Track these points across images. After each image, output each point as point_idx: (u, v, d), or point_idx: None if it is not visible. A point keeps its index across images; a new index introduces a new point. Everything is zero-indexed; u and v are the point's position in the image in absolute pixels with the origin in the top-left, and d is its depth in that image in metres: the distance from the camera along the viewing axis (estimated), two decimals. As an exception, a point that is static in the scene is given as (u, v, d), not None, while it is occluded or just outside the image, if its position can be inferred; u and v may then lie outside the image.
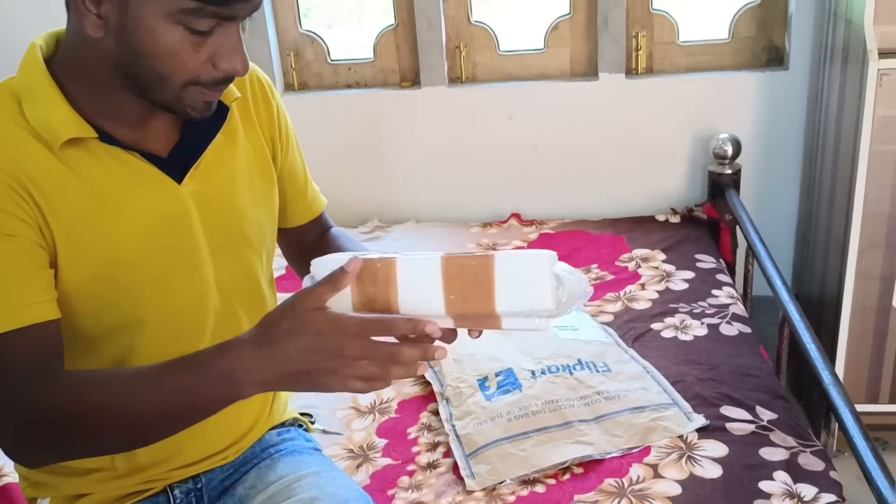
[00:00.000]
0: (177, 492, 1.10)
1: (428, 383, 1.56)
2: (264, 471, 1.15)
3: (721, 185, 2.20)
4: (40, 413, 0.90)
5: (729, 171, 2.20)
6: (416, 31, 2.31)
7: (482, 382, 1.50)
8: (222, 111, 1.02)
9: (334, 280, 0.85)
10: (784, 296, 1.65)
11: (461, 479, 1.33)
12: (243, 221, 1.08)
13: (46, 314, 0.93)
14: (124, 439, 0.94)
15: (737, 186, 2.22)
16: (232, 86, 1.00)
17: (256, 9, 0.90)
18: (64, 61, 0.94)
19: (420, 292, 0.83)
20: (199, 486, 1.12)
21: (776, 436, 1.36)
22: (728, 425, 1.39)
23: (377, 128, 2.41)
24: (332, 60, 2.44)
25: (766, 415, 1.41)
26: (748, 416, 1.41)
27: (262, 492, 1.11)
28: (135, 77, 0.90)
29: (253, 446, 1.17)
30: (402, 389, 1.58)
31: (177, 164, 1.00)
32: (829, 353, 1.72)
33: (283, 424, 1.22)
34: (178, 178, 0.99)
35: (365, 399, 1.56)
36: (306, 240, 1.25)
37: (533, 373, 1.49)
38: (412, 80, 2.41)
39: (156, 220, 0.99)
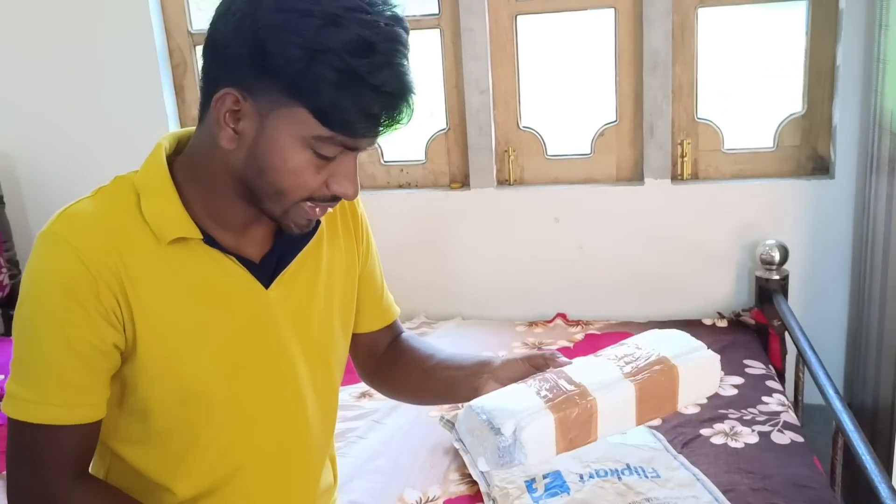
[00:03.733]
0: None
1: (475, 483, 1.55)
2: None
3: (769, 291, 2.20)
4: None
5: (776, 277, 2.20)
6: (467, 135, 2.39)
7: (529, 484, 1.48)
8: (316, 221, 1.05)
9: None
10: (837, 405, 1.62)
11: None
12: (320, 327, 1.11)
13: (95, 415, 0.97)
14: None
15: (784, 292, 2.21)
16: None
17: (374, 143, 0.96)
18: (185, 164, 1.00)
19: (618, 423, 0.95)
20: None
21: (833, 551, 1.32)
22: (782, 538, 1.36)
23: (426, 227, 2.47)
24: (385, 161, 2.53)
25: (823, 528, 1.37)
26: (803, 530, 1.37)
27: None
28: (253, 188, 0.96)
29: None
30: (448, 489, 1.57)
31: (267, 269, 1.05)
32: (885, 465, 1.67)
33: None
34: (266, 283, 1.04)
35: (411, 497, 1.56)
36: (378, 346, 1.26)
37: (581, 476, 1.48)
38: (462, 181, 2.48)
39: (243, 323, 1.03)
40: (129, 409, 1.01)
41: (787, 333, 2.10)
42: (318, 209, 0.99)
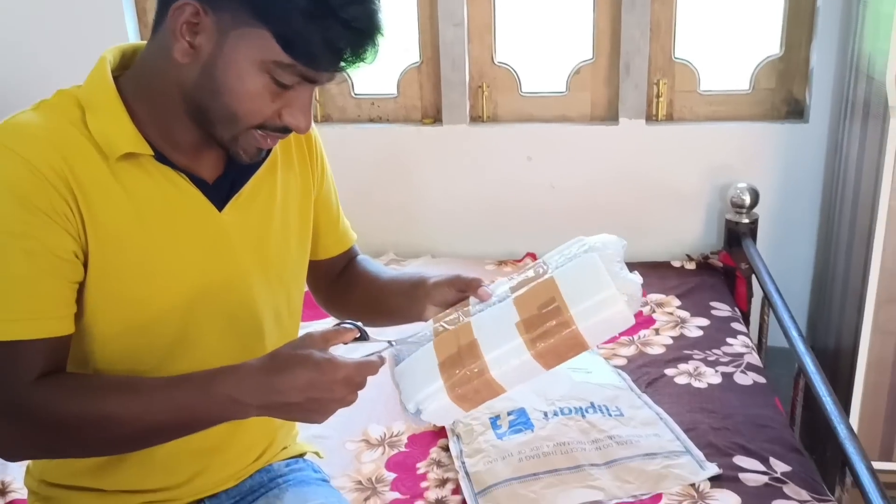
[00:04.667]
0: None
1: (439, 419, 1.55)
2: (271, 500, 1.14)
3: (738, 234, 2.21)
4: (40, 416, 0.91)
5: (746, 221, 2.20)
6: (441, 70, 2.34)
7: (494, 421, 1.49)
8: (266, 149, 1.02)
9: (342, 332, 0.94)
10: (800, 347, 1.64)
11: (470, 517, 1.32)
12: (278, 253, 1.09)
13: (63, 329, 0.94)
14: (127, 445, 0.97)
15: (753, 236, 2.22)
16: None
17: (332, 78, 0.93)
18: (134, 79, 0.97)
19: (521, 378, 0.94)
20: None
21: (790, 489, 1.34)
22: (741, 476, 1.38)
23: (397, 163, 2.43)
24: (355, 94, 2.47)
25: (780, 467, 1.40)
26: (761, 468, 1.39)
27: (269, 524, 1.11)
28: (205, 109, 0.93)
29: (260, 475, 1.17)
30: (412, 424, 1.57)
31: (220, 192, 1.02)
32: (844, 406, 1.70)
33: (291, 457, 1.22)
34: (220, 206, 1.01)
35: (375, 432, 1.56)
36: (333, 271, 1.26)
37: (545, 414, 1.48)
38: (434, 117, 2.44)
39: (197, 247, 1.00)
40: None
41: (753, 276, 2.12)
42: (268, 139, 0.96)
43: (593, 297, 0.90)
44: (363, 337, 0.98)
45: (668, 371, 1.72)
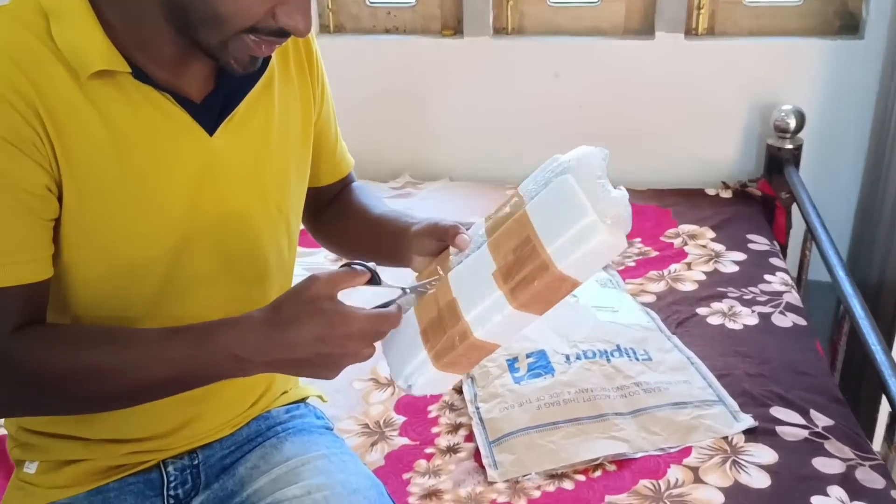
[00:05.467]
0: (171, 468, 1.01)
1: (453, 359, 1.46)
2: (269, 451, 1.05)
3: (780, 161, 2.05)
4: (23, 369, 0.83)
5: (790, 146, 2.04)
6: (462, -24, 2.15)
7: (512, 363, 1.38)
8: (263, 60, 0.90)
9: (351, 275, 0.84)
10: (847, 288, 1.51)
11: (483, 467, 1.23)
12: (276, 181, 0.98)
13: (40, 273, 0.84)
14: (116, 402, 0.89)
15: (796, 163, 2.06)
16: None
17: None
18: None
19: (482, 303, 0.81)
20: (196, 462, 1.02)
21: (832, 445, 1.24)
22: (778, 429, 1.27)
23: (414, 78, 2.27)
24: (370, 3, 2.29)
25: (822, 420, 1.29)
26: (801, 420, 1.29)
27: (266, 474, 1.02)
28: (185, 12, 0.80)
29: (258, 422, 1.08)
30: (424, 363, 1.47)
31: (210, 112, 0.90)
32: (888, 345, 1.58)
33: (292, 402, 1.13)
34: (210, 129, 0.89)
35: (385, 370, 1.46)
36: (325, 198, 1.16)
37: (567, 357, 1.38)
38: (454, 28, 2.26)
39: (186, 176, 0.89)
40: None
41: (794, 207, 1.97)
42: (263, 45, 0.83)
43: (570, 229, 0.76)
44: (375, 281, 0.87)
45: (701, 310, 1.60)
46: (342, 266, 0.86)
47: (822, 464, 1.20)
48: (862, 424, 1.39)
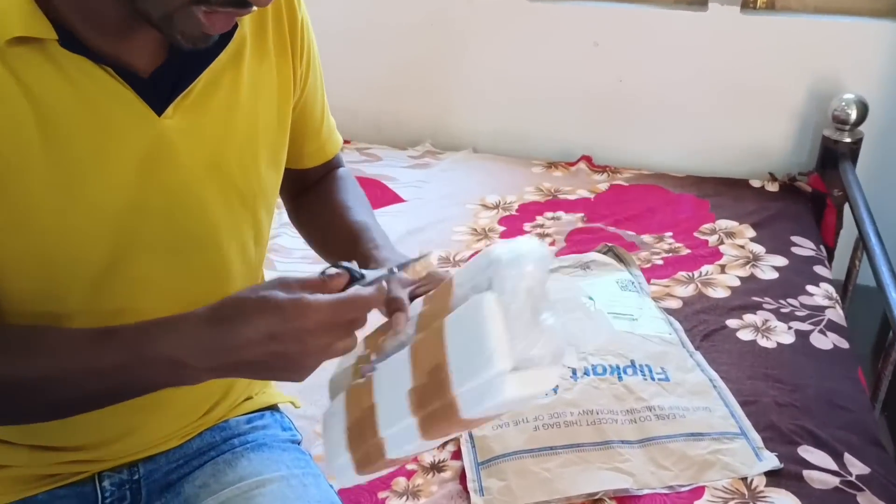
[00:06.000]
0: (107, 483, 0.89)
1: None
2: (222, 468, 0.93)
3: (835, 155, 1.86)
4: None
5: (848, 140, 1.84)
6: (499, -71, 1.97)
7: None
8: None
9: (325, 281, 0.71)
10: (898, 310, 1.34)
11: (467, 492, 1.10)
12: (242, 169, 0.85)
13: None
14: (36, 416, 0.78)
15: (853, 158, 1.86)
16: None
17: None
18: None
19: (396, 425, 0.71)
20: (137, 477, 0.91)
21: (865, 499, 1.08)
22: (805, 473, 1.12)
23: (440, 38, 2.11)
24: (399, -47, 2.12)
25: (857, 467, 1.13)
26: (833, 465, 1.13)
27: (214, 496, 0.90)
28: None
29: (212, 433, 0.96)
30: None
31: (160, 89, 0.76)
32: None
33: (256, 410, 1.01)
34: (159, 108, 0.76)
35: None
36: (308, 180, 1.03)
37: (574, 372, 1.23)
38: (488, -14, 2.08)
39: (129, 163, 0.76)
40: None
41: (847, 207, 1.79)
42: (216, 18, 0.69)
43: (478, 376, 0.64)
44: (354, 279, 0.74)
45: (731, 322, 1.44)
46: (319, 273, 0.73)
47: (852, 521, 1.05)
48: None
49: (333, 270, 0.73)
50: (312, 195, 1.02)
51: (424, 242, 1.69)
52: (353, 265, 0.73)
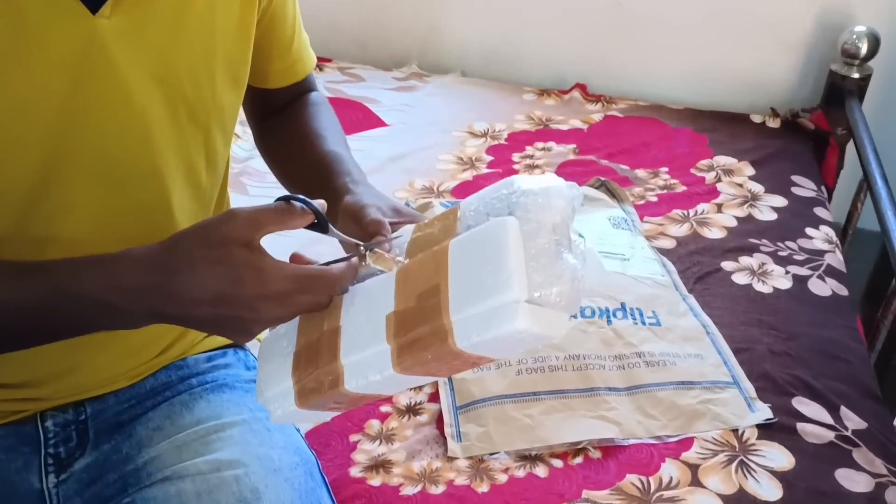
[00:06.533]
0: (50, 422, 0.82)
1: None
2: (178, 409, 0.86)
3: (841, 91, 1.76)
4: None
5: (856, 76, 1.75)
6: None
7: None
8: None
9: (285, 213, 0.63)
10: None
11: (444, 437, 1.04)
12: (192, 80, 0.75)
13: None
14: None
15: (861, 96, 1.77)
16: None
17: None
18: None
19: (364, 351, 0.64)
20: (83, 417, 0.84)
21: (861, 455, 1.03)
22: (799, 426, 1.07)
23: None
24: None
25: (853, 421, 1.08)
26: (828, 419, 1.08)
27: (170, 439, 0.83)
28: None
29: (168, 371, 0.89)
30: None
31: None
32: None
33: (219, 347, 0.94)
34: (94, 5, 0.66)
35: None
36: (275, 101, 0.94)
37: (561, 314, 1.16)
38: None
39: (59, 69, 0.66)
40: None
41: (848, 147, 1.71)
42: None
43: (484, 301, 0.57)
44: (319, 225, 0.66)
45: (727, 264, 1.37)
46: (277, 200, 0.65)
47: (846, 477, 1.00)
48: None
49: (298, 205, 0.64)
50: (280, 120, 0.93)
51: (407, 170, 1.60)
52: (318, 205, 0.65)
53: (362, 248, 0.68)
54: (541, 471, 1.00)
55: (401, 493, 0.97)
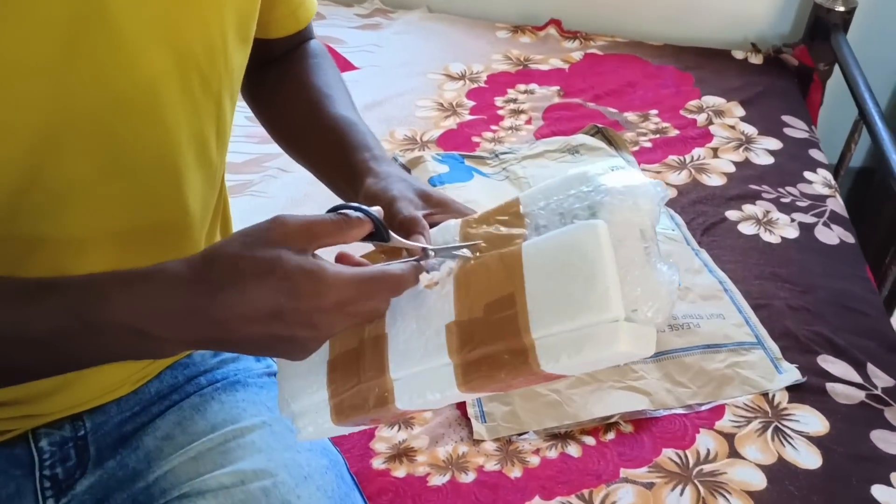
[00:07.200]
0: (44, 442, 0.72)
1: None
2: (188, 414, 0.77)
3: (826, 25, 1.71)
4: None
5: (841, 9, 1.70)
6: None
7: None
8: None
9: (341, 224, 0.54)
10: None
11: (467, 418, 0.97)
12: (204, 42, 0.64)
13: None
14: None
15: (845, 29, 1.72)
16: None
17: None
18: None
19: (420, 365, 0.56)
20: (82, 433, 0.73)
21: (893, 414, 1.01)
22: (829, 386, 1.03)
23: None
24: None
25: (880, 378, 1.05)
26: (856, 377, 1.05)
27: (183, 450, 0.74)
28: None
29: (173, 372, 0.79)
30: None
31: None
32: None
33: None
34: None
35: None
36: (272, 51, 0.83)
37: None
38: None
39: (45, 29, 0.54)
40: None
41: (834, 84, 1.67)
42: None
43: (576, 319, 0.50)
44: (379, 236, 0.57)
45: (731, 213, 1.32)
46: (329, 211, 0.55)
47: (882, 439, 0.98)
48: None
49: (354, 214, 0.55)
50: (278, 73, 0.81)
51: (385, 119, 1.49)
52: (375, 213, 0.56)
53: (431, 252, 0.59)
54: (573, 450, 0.94)
55: (429, 484, 0.90)
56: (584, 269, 0.50)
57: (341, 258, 0.57)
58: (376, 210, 0.56)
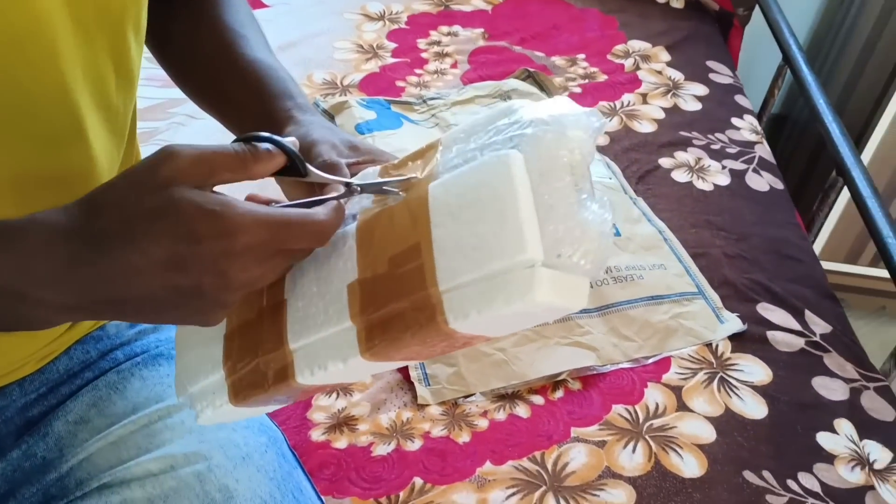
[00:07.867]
0: None
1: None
2: (105, 394, 0.68)
3: (746, -31, 1.70)
4: None
5: (762, -48, 1.68)
6: None
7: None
8: None
9: (247, 157, 0.46)
10: (844, 149, 1.24)
11: (410, 382, 0.91)
12: None
13: None
14: None
15: (764, -28, 1.71)
16: None
17: None
18: None
19: (320, 332, 0.49)
20: None
21: (832, 360, 1.01)
22: (770, 335, 1.03)
23: None
24: None
25: (818, 325, 1.05)
26: (795, 325, 1.05)
27: (101, 435, 0.65)
28: None
29: (85, 346, 0.69)
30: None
31: None
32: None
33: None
34: None
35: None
36: None
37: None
38: None
39: None
40: None
41: (755, 29, 1.66)
42: None
43: (486, 263, 0.42)
44: (294, 170, 0.49)
45: (664, 161, 1.29)
46: (235, 142, 0.47)
47: (823, 386, 0.98)
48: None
49: (264, 145, 0.47)
50: (184, 7, 0.71)
51: (302, 61, 1.38)
52: (289, 144, 0.48)
53: (357, 188, 0.51)
54: (522, 410, 0.90)
55: (373, 454, 0.84)
56: (494, 207, 0.43)
57: (250, 199, 0.49)
58: (290, 141, 0.48)
